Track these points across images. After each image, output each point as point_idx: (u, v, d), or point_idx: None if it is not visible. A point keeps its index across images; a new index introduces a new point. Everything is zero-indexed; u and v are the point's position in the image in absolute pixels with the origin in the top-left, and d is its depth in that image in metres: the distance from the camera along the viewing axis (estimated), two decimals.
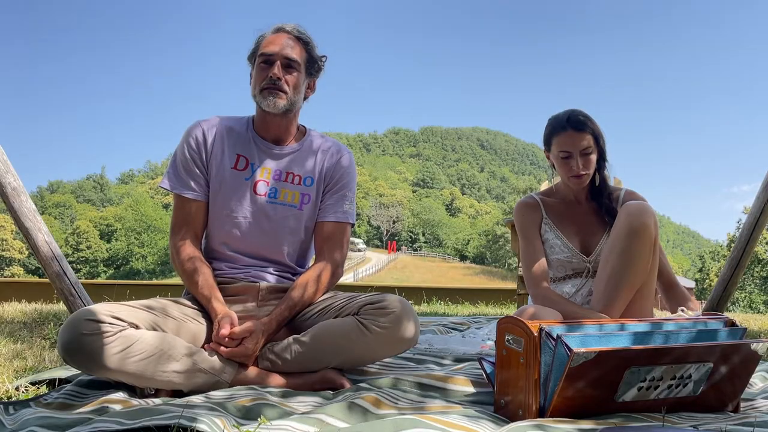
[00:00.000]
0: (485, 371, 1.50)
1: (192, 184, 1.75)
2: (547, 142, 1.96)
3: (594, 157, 1.92)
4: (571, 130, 1.88)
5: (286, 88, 1.70)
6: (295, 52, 1.72)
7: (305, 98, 1.82)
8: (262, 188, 1.76)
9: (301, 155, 1.83)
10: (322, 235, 1.80)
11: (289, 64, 1.71)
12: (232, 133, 1.80)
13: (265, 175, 1.77)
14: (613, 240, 1.77)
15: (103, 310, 1.41)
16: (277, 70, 1.69)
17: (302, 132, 1.88)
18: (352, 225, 1.86)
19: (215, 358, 1.52)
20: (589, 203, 2.03)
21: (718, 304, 3.11)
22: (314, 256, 1.85)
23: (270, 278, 1.75)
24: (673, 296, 1.99)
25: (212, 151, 1.77)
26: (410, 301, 1.65)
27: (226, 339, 1.52)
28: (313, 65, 1.78)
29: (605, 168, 2.01)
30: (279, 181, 1.78)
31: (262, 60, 1.71)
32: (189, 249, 1.72)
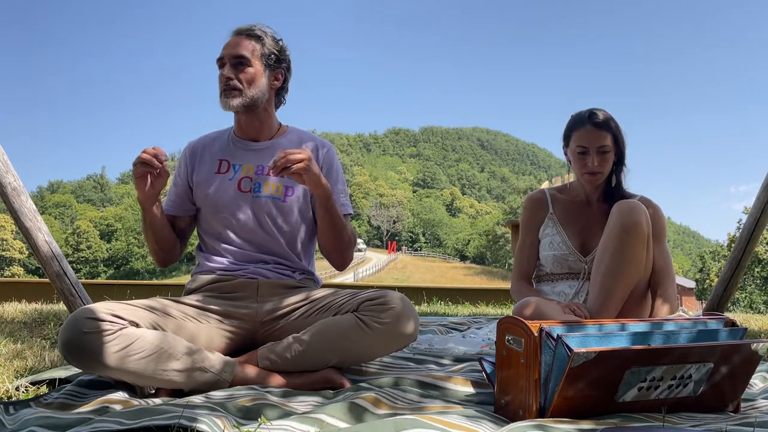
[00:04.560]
0: (485, 371, 1.50)
1: (172, 200, 1.85)
2: (567, 136, 1.96)
3: (610, 157, 1.92)
4: (590, 126, 1.89)
5: (239, 85, 1.73)
6: (243, 49, 1.75)
7: (279, 92, 1.86)
8: (246, 185, 1.79)
9: (280, 149, 1.83)
10: None
11: (238, 62, 1.74)
12: (214, 143, 1.88)
13: (247, 172, 1.81)
14: (606, 239, 1.77)
15: (104, 308, 1.41)
16: (226, 70, 1.74)
17: (283, 129, 1.91)
18: (350, 214, 1.89)
19: (216, 357, 1.52)
20: (599, 205, 2.02)
21: (718, 304, 3.11)
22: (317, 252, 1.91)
23: (269, 275, 1.76)
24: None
25: (196, 166, 1.85)
26: (410, 300, 1.65)
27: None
28: (269, 57, 1.79)
29: (623, 172, 2.01)
30: (261, 176, 1.81)
31: (218, 66, 1.77)
32: None
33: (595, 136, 1.88)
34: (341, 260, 1.82)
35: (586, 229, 2.00)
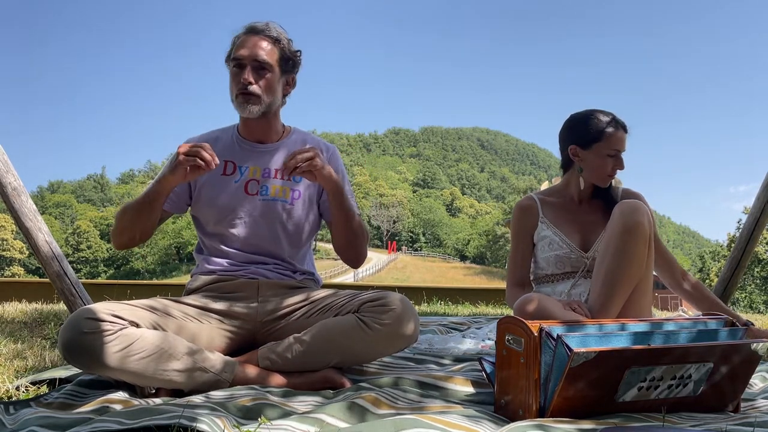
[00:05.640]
0: (485, 371, 1.50)
1: None
2: (595, 138, 1.96)
3: None
4: (621, 131, 1.97)
5: (258, 92, 1.70)
6: (265, 53, 1.71)
7: (285, 95, 1.83)
8: (253, 188, 1.78)
9: (286, 152, 1.83)
10: None
11: (260, 66, 1.71)
12: (218, 143, 1.83)
13: (254, 175, 1.79)
14: (608, 239, 1.78)
15: (104, 308, 1.41)
16: (247, 74, 1.69)
17: (287, 130, 1.90)
18: (359, 215, 1.88)
19: (216, 357, 1.52)
20: (589, 202, 2.07)
21: None
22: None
23: (270, 275, 1.76)
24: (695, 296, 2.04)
25: None
26: (410, 301, 1.65)
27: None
28: (287, 63, 1.77)
29: None
30: (268, 178, 1.80)
31: (234, 65, 1.72)
32: None
33: (625, 141, 1.98)
34: (356, 256, 1.80)
35: (581, 226, 2.04)
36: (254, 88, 1.69)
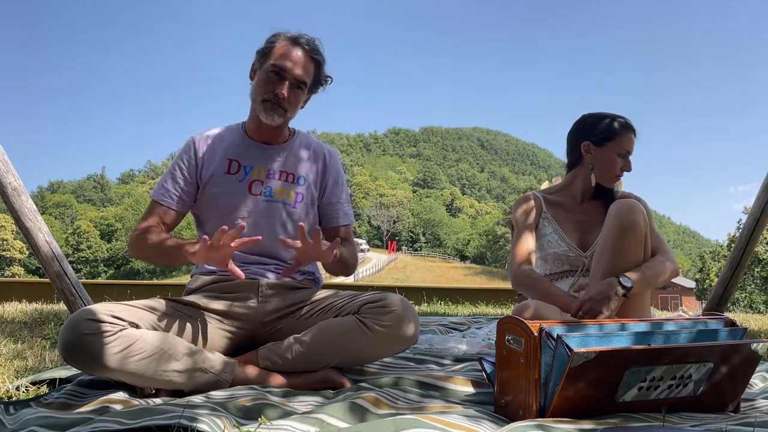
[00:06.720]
0: (485, 371, 1.50)
1: (171, 192, 1.78)
2: (609, 136, 1.98)
3: None
4: (632, 133, 2.00)
5: (286, 106, 1.74)
6: (306, 74, 1.75)
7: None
8: (257, 188, 1.79)
9: (291, 154, 1.86)
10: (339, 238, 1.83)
11: (297, 86, 1.74)
12: (223, 141, 1.84)
13: (258, 175, 1.80)
14: (605, 238, 1.79)
15: (104, 309, 1.41)
16: (285, 89, 1.72)
17: (292, 133, 1.91)
18: (352, 223, 1.95)
19: (216, 357, 1.52)
20: (590, 202, 2.08)
21: (718, 304, 3.11)
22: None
23: (270, 275, 1.76)
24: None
25: (204, 163, 1.81)
26: (410, 301, 1.65)
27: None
28: (317, 86, 1.82)
29: None
30: (272, 179, 1.81)
31: (273, 70, 1.72)
32: (151, 224, 1.74)
33: (634, 143, 2.01)
34: (345, 276, 1.86)
35: (581, 225, 2.05)
36: (285, 103, 1.73)
